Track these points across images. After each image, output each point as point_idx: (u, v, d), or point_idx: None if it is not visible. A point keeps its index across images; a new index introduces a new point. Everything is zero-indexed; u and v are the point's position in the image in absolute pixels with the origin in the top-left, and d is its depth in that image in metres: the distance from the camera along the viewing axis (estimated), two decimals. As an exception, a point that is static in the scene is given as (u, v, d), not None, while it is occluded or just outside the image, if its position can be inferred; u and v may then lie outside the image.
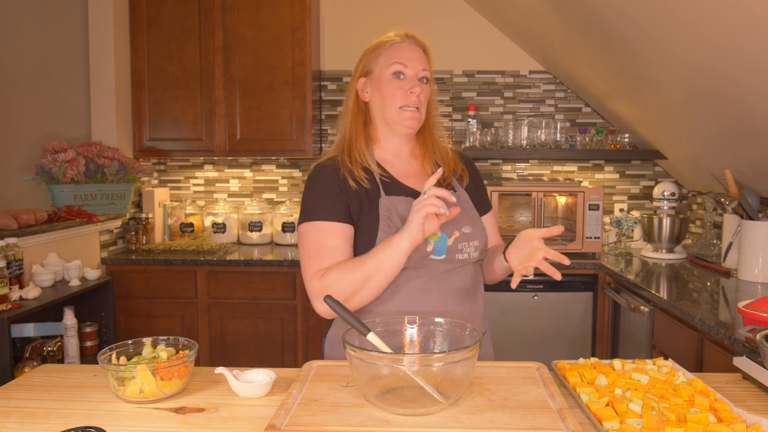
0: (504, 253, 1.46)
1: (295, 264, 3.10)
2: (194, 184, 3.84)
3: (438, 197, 1.26)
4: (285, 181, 3.81)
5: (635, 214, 3.51)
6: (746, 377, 1.32)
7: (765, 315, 1.49)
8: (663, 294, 2.33)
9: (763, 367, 1.26)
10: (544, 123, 3.45)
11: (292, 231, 3.60)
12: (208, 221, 3.67)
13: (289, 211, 3.64)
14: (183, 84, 3.41)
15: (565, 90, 3.70)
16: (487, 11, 3.57)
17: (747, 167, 2.66)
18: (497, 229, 1.66)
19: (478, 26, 3.66)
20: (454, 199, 1.29)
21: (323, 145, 3.75)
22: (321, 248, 1.40)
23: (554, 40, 3.19)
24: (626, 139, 3.46)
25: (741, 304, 1.59)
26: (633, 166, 3.70)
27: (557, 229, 1.34)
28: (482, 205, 1.62)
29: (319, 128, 3.66)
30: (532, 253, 1.36)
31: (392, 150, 1.55)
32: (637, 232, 3.50)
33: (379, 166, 1.51)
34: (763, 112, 2.17)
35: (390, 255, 1.31)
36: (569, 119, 3.70)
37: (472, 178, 1.62)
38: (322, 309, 1.39)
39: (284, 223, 3.61)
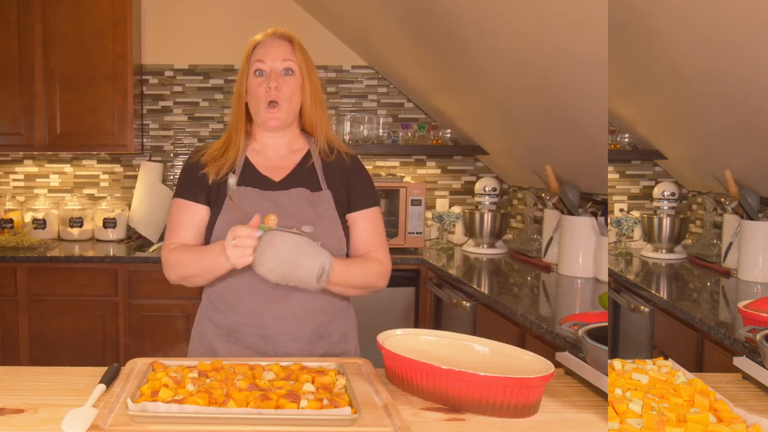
0: None
1: (117, 260, 3.10)
2: (14, 179, 3.74)
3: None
4: (106, 177, 3.74)
5: (635, 214, 3.50)
6: (746, 377, 1.32)
7: (765, 315, 1.49)
8: (663, 294, 2.33)
9: (763, 367, 1.26)
10: (366, 118, 3.53)
11: (114, 227, 3.56)
12: (28, 217, 3.59)
13: (111, 207, 3.59)
14: (0, 78, 3.34)
15: (388, 85, 3.73)
16: (307, 3, 3.51)
17: (747, 167, 2.65)
18: (374, 233, 1.56)
19: (298, 18, 3.54)
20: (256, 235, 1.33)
21: (144, 140, 3.69)
22: (173, 222, 1.55)
23: (376, 33, 3.17)
24: (625, 139, 3.43)
25: (741, 304, 1.58)
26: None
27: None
28: (355, 203, 1.56)
29: (140, 123, 3.62)
30: None
31: (267, 143, 1.57)
32: (637, 232, 3.49)
33: (247, 159, 1.55)
34: (766, 111, 2.16)
35: (215, 267, 1.41)
36: (392, 114, 3.74)
37: (349, 178, 1.56)
38: (171, 277, 1.52)
39: (105, 218, 3.55)
